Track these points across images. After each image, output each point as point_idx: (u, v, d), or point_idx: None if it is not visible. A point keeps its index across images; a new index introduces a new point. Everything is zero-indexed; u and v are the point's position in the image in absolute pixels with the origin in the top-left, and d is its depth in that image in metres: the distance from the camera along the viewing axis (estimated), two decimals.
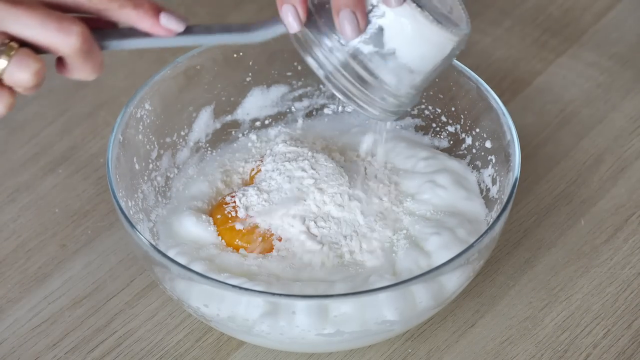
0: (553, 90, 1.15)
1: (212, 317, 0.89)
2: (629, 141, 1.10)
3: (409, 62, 0.85)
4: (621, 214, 1.04)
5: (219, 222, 0.97)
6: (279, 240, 0.95)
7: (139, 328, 0.97)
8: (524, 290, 0.99)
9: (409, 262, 0.93)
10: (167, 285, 0.90)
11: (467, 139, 1.03)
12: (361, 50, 0.84)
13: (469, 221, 0.97)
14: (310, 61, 0.85)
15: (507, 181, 0.94)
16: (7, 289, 0.99)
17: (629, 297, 0.98)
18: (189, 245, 0.95)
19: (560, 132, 1.11)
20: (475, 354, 0.95)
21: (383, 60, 0.85)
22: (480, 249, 0.89)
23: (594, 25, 1.21)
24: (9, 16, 0.78)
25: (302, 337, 0.88)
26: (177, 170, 1.03)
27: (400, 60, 0.85)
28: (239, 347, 0.95)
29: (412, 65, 0.85)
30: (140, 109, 0.98)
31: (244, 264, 0.94)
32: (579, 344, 0.95)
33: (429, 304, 0.90)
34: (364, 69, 0.85)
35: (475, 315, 0.97)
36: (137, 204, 0.96)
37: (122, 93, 1.14)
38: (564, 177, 1.07)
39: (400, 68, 0.85)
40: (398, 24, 0.84)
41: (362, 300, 0.87)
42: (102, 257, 1.01)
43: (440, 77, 1.03)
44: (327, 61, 0.85)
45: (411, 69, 0.85)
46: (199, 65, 1.01)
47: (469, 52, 1.19)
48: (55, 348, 0.96)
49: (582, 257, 1.01)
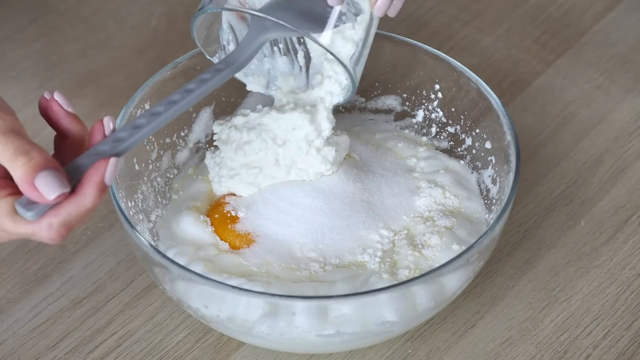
0: (553, 90, 1.15)
1: (212, 317, 0.89)
2: (629, 142, 1.10)
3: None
4: (621, 215, 1.04)
5: (217, 222, 0.97)
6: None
7: (139, 329, 0.97)
8: (524, 291, 0.99)
9: (409, 262, 0.93)
10: (167, 286, 0.90)
11: (467, 139, 1.03)
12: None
13: (469, 222, 0.97)
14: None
15: (507, 182, 0.94)
16: (7, 290, 0.99)
17: (628, 298, 0.98)
18: (189, 245, 0.95)
19: (560, 132, 1.11)
20: (475, 355, 0.95)
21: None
22: (480, 249, 0.89)
23: (594, 26, 1.21)
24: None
25: (302, 338, 0.88)
26: (177, 170, 1.03)
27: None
28: (239, 348, 0.95)
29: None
30: (140, 109, 0.98)
31: (244, 264, 0.94)
32: (578, 344, 0.95)
33: (429, 305, 0.90)
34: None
35: (475, 316, 0.97)
36: (136, 204, 0.96)
37: (122, 93, 1.14)
38: (564, 178, 1.07)
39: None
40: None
41: (362, 301, 0.87)
42: (101, 258, 1.01)
43: (440, 78, 1.03)
44: None
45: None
46: (199, 65, 1.01)
47: (469, 52, 1.19)
48: (55, 349, 0.96)
49: (582, 257, 1.01)
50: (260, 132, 0.96)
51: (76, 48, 1.20)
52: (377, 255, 0.94)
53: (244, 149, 0.96)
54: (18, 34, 1.21)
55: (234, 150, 0.96)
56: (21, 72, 1.18)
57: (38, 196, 0.76)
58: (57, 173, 0.76)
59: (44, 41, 1.21)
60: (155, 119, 0.82)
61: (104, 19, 1.23)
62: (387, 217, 0.97)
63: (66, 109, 0.82)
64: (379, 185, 0.98)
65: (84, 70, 1.18)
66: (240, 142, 0.96)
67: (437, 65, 1.02)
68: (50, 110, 0.82)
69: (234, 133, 0.97)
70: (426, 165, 1.02)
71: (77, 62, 1.19)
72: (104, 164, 0.78)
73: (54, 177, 0.76)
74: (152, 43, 1.21)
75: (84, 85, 1.16)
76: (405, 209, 0.98)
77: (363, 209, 0.96)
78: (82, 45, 1.20)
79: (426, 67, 1.03)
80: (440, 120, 1.05)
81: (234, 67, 0.88)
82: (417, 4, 1.23)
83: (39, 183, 0.76)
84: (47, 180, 0.76)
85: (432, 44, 1.03)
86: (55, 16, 1.23)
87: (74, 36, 1.21)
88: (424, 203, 0.98)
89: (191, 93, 0.84)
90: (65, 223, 0.77)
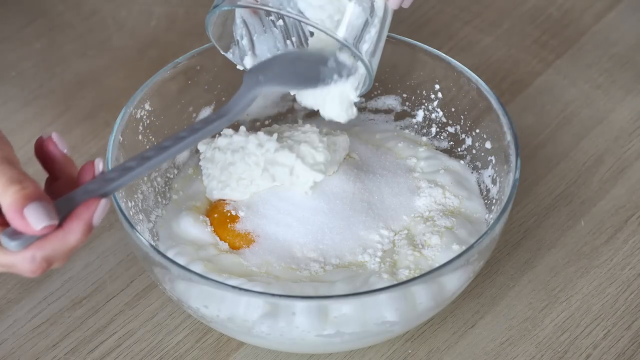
0: (553, 91, 1.15)
1: (212, 317, 0.89)
2: (629, 142, 1.10)
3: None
4: (621, 215, 1.04)
5: (216, 221, 0.97)
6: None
7: (139, 329, 0.97)
8: (524, 291, 0.99)
9: (409, 262, 0.93)
10: (167, 286, 0.90)
11: (467, 139, 1.03)
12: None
13: (469, 221, 0.97)
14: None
15: (507, 182, 0.94)
16: (7, 290, 0.99)
17: (628, 298, 0.98)
18: (189, 245, 0.95)
19: (560, 132, 1.11)
20: (475, 355, 0.95)
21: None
22: (480, 249, 0.89)
23: (594, 26, 1.21)
24: None
25: (302, 338, 0.88)
26: (177, 170, 1.03)
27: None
28: (239, 348, 0.95)
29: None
30: (140, 109, 0.98)
31: (244, 264, 0.94)
32: (578, 344, 0.95)
33: (429, 305, 0.90)
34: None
35: (475, 316, 0.97)
36: (136, 204, 0.96)
37: (122, 93, 1.14)
38: (564, 178, 1.07)
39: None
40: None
41: (362, 301, 0.87)
42: (101, 258, 1.01)
43: (440, 78, 1.03)
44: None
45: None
46: (199, 65, 1.01)
47: (469, 52, 1.19)
48: (55, 349, 0.96)
49: (582, 257, 1.01)
50: (244, 156, 0.96)
51: (76, 48, 1.20)
52: (377, 255, 0.94)
53: (228, 170, 0.96)
54: (18, 34, 1.21)
55: (220, 170, 0.97)
56: (21, 72, 1.18)
57: (24, 226, 0.76)
58: (47, 205, 0.76)
59: (44, 41, 1.21)
60: (145, 163, 0.83)
61: (104, 19, 1.23)
62: (387, 217, 0.97)
63: (62, 150, 0.82)
64: (379, 185, 0.98)
65: (84, 70, 1.18)
66: (225, 162, 0.96)
67: (437, 65, 1.02)
68: (45, 150, 0.82)
69: (218, 154, 0.97)
70: (426, 165, 1.02)
71: (77, 62, 1.19)
72: (95, 204, 0.78)
73: (43, 208, 0.76)
74: (152, 43, 1.21)
75: (84, 85, 1.16)
76: (406, 209, 0.98)
77: (363, 209, 0.96)
78: (82, 45, 1.20)
79: (426, 67, 1.03)
80: (440, 120, 1.05)
81: (226, 119, 0.88)
82: (417, 4, 1.23)
83: (28, 213, 0.76)
84: (36, 211, 0.76)
85: (432, 44, 1.03)
86: (55, 16, 1.23)
87: (74, 36, 1.21)
88: (424, 203, 0.98)
89: (182, 140, 0.85)
90: (47, 258, 0.77)
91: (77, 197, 0.79)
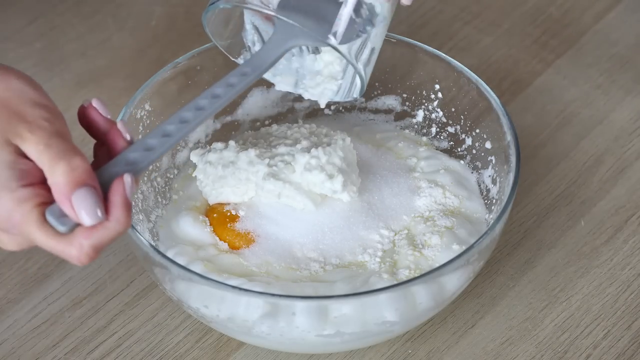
0: (553, 91, 1.15)
1: (212, 318, 0.89)
2: (629, 142, 1.10)
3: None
4: (621, 215, 1.04)
5: (215, 221, 0.97)
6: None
7: (139, 329, 0.97)
8: (524, 291, 0.99)
9: (409, 262, 0.93)
10: (167, 286, 0.90)
11: (467, 139, 1.03)
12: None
13: (469, 221, 0.97)
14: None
15: (507, 182, 0.94)
16: (7, 290, 0.99)
17: (629, 298, 0.98)
18: (189, 245, 0.95)
19: (560, 132, 1.11)
20: (475, 355, 0.95)
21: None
22: (480, 249, 0.89)
23: (594, 26, 1.21)
24: (16, 136, 0.77)
25: (302, 338, 0.88)
26: (177, 170, 1.03)
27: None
28: (239, 348, 0.95)
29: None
30: (140, 109, 0.98)
31: (244, 264, 0.94)
32: (579, 344, 0.95)
33: (429, 305, 0.90)
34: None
35: (475, 316, 0.97)
36: (136, 204, 0.96)
37: (122, 93, 1.14)
38: (564, 178, 1.07)
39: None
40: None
41: (362, 301, 0.87)
42: (101, 258, 1.01)
43: (440, 78, 1.03)
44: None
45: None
46: (199, 65, 1.01)
47: (469, 52, 1.19)
48: (55, 349, 0.96)
49: (582, 257, 1.01)
50: (234, 171, 0.96)
51: (76, 48, 1.20)
52: (377, 255, 0.94)
53: (220, 182, 0.96)
54: (18, 34, 1.21)
55: (212, 183, 0.97)
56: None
57: (72, 213, 0.75)
58: (94, 194, 0.75)
59: (44, 41, 1.21)
60: (185, 127, 0.81)
61: (104, 19, 1.23)
62: (387, 217, 0.97)
63: (105, 116, 0.81)
64: (379, 185, 0.98)
65: (84, 70, 1.18)
66: (216, 176, 0.96)
67: (437, 65, 1.02)
68: (88, 117, 0.81)
69: (210, 168, 0.97)
70: (426, 165, 1.02)
71: (77, 62, 1.19)
72: (122, 184, 0.77)
73: (91, 198, 0.75)
74: (152, 43, 1.21)
75: (84, 85, 1.16)
76: (406, 208, 0.98)
77: (363, 209, 0.96)
78: (82, 45, 1.20)
79: (426, 67, 1.03)
80: (440, 120, 1.05)
81: (260, 72, 0.86)
82: (417, 4, 1.23)
83: (75, 200, 0.75)
84: (84, 200, 0.75)
85: (432, 44, 1.03)
86: (55, 16, 1.23)
87: (74, 36, 1.21)
88: (424, 203, 0.98)
89: (219, 99, 0.83)
90: (95, 246, 0.76)
91: (119, 169, 0.78)
